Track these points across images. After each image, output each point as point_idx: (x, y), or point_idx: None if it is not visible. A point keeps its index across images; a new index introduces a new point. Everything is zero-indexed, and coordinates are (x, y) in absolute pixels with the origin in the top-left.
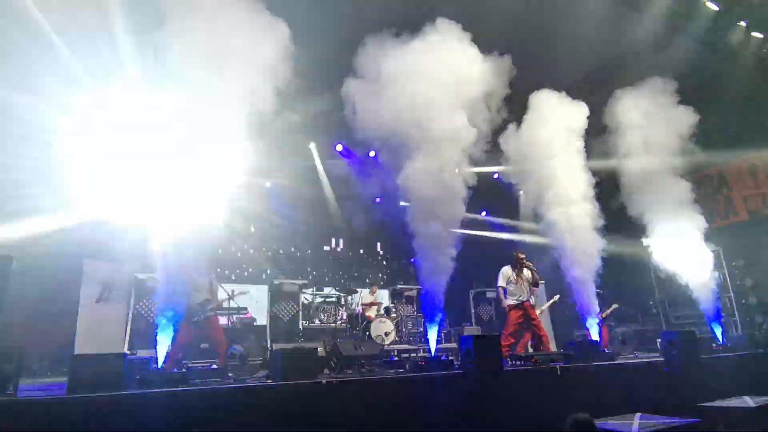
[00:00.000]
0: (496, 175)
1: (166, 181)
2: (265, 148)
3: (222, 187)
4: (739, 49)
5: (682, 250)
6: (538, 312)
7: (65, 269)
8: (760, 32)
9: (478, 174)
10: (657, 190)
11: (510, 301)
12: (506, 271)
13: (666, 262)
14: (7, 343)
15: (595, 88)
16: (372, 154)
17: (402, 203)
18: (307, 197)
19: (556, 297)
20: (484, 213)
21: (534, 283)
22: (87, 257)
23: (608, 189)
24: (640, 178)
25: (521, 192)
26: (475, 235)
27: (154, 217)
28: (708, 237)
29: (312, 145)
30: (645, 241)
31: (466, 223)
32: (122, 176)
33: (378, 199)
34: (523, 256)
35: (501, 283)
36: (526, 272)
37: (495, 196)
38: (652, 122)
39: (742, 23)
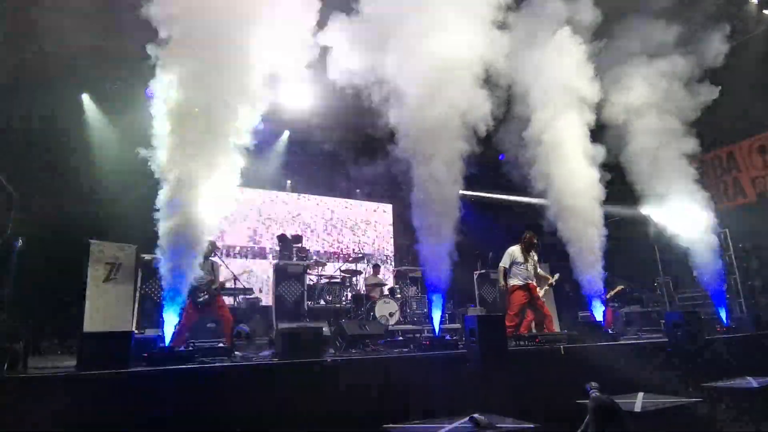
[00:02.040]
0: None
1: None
2: None
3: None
4: (751, 28)
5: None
6: (541, 292)
7: (72, 249)
8: None
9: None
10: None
11: (515, 281)
12: (514, 251)
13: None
14: (17, 321)
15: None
16: None
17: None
18: None
19: (557, 275)
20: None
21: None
22: (93, 237)
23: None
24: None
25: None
26: (480, 215)
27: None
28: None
29: None
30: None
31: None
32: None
33: None
34: (535, 239)
35: (505, 263)
36: (534, 255)
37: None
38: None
39: (755, 0)
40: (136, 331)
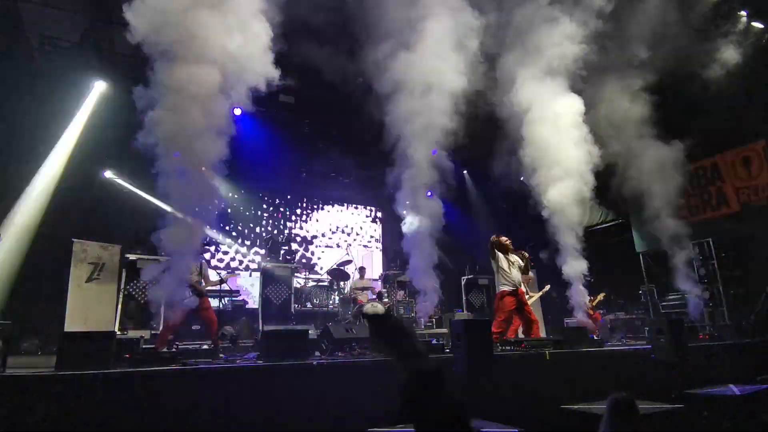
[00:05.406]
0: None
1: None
2: None
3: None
4: (738, 39)
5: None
6: (530, 300)
7: (55, 248)
8: (761, 22)
9: None
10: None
11: (505, 287)
12: (500, 257)
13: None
14: None
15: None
16: None
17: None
18: None
19: (547, 287)
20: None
21: (524, 270)
22: (76, 236)
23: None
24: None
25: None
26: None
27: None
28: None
29: None
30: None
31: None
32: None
33: None
34: (503, 240)
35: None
36: (514, 257)
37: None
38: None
39: (743, 12)
40: (118, 332)
